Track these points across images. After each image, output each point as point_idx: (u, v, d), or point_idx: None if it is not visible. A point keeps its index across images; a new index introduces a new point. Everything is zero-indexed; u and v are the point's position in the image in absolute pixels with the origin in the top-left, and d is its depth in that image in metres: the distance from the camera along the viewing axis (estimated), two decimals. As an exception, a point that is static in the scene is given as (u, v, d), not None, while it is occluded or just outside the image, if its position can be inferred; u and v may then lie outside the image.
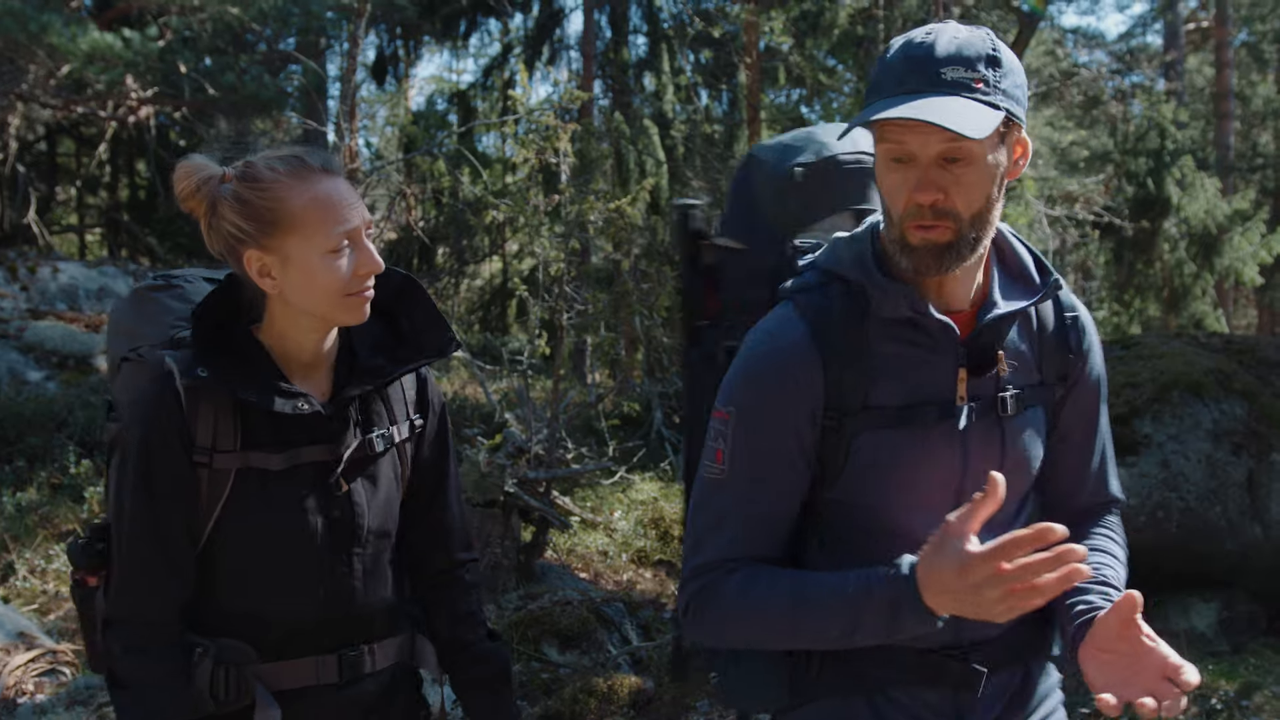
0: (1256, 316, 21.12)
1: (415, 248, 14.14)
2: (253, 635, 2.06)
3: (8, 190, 15.81)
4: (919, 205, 1.71)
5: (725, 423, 1.84)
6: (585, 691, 5.13)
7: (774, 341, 1.83)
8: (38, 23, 10.30)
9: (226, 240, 2.02)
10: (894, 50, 1.73)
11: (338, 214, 2.00)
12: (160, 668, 1.97)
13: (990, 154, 1.71)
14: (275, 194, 1.99)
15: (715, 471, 1.86)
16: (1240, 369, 7.28)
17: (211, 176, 2.03)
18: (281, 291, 2.03)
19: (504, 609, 6.17)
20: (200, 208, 2.04)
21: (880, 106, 1.67)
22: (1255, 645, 6.40)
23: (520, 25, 17.83)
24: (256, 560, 2.05)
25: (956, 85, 1.67)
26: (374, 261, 2.04)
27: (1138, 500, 6.72)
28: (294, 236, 1.99)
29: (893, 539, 1.82)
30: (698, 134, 14.10)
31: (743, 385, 1.84)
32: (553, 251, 7.90)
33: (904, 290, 1.80)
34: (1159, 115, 15.46)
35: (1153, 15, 25.13)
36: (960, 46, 1.69)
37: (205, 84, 11.90)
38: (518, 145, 8.24)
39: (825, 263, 1.89)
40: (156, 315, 2.20)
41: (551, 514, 6.99)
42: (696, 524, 1.89)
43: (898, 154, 1.71)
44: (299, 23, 12.16)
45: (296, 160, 2.03)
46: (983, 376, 1.86)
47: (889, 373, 1.83)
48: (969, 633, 1.89)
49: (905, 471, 1.83)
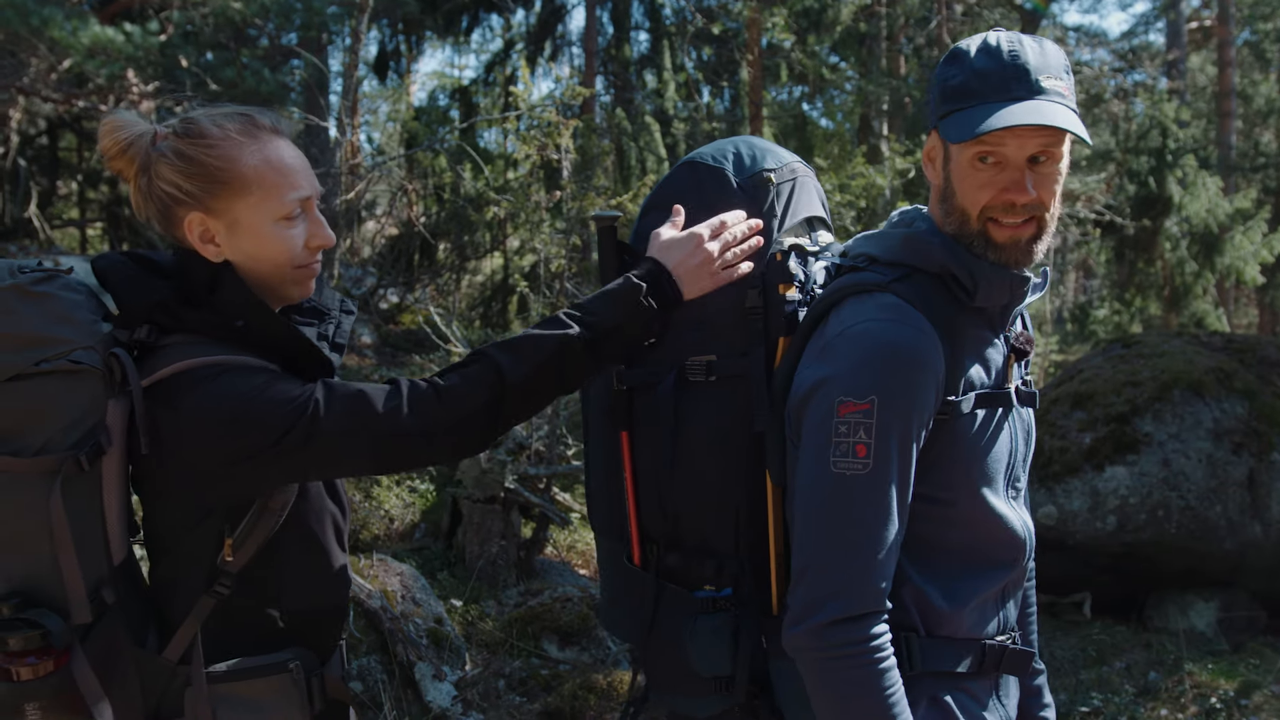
0: (1257, 316, 21.10)
1: (416, 243, 14.11)
2: (311, 635, 1.97)
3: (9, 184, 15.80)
4: (1011, 204, 1.81)
5: (867, 414, 1.76)
6: (585, 688, 5.14)
7: (906, 327, 1.80)
8: (39, 16, 10.28)
9: (161, 202, 1.87)
10: (978, 57, 1.82)
11: (292, 179, 1.88)
12: None
13: (1064, 154, 1.84)
14: (224, 151, 1.85)
15: (858, 467, 1.77)
16: (1241, 368, 7.28)
17: (143, 133, 1.88)
18: (226, 260, 1.89)
19: (504, 605, 6.17)
20: (130, 168, 1.89)
21: (993, 109, 1.77)
22: (1255, 644, 6.40)
23: (522, 21, 17.81)
24: (315, 549, 1.97)
25: (1052, 93, 1.78)
26: (327, 234, 1.93)
27: (1138, 499, 6.72)
28: (244, 200, 1.85)
29: (964, 531, 1.88)
30: (699, 131, 14.07)
31: (885, 372, 1.78)
32: (554, 248, 7.90)
33: (1011, 279, 1.88)
34: (1161, 114, 15.44)
35: (1155, 14, 25.10)
36: (1047, 55, 1.82)
37: (207, 79, 11.88)
38: (519, 141, 8.25)
39: (899, 256, 1.91)
40: (67, 312, 1.85)
41: (552, 510, 6.99)
42: (840, 527, 1.78)
43: (987, 155, 1.81)
44: (301, 18, 12.14)
45: (245, 117, 1.89)
46: (1020, 363, 1.97)
47: (975, 360, 1.89)
48: (1009, 620, 1.99)
49: (983, 460, 1.88)
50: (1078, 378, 7.72)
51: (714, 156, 2.12)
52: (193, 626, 1.87)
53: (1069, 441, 7.09)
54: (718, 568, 2.03)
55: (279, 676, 1.90)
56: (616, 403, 2.11)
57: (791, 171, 2.11)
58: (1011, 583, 1.98)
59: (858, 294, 1.87)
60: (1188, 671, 5.81)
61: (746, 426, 2.00)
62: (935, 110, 1.87)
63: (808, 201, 2.13)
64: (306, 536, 1.95)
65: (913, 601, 1.88)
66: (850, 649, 1.74)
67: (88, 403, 1.81)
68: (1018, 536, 1.93)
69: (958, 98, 1.82)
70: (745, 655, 1.99)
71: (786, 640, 1.80)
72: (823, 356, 1.84)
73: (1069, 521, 6.87)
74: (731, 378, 2.01)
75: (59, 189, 18.80)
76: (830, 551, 1.77)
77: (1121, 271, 16.68)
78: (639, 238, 2.13)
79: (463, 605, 6.08)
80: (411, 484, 8.21)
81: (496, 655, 5.63)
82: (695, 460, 2.03)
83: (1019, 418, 1.96)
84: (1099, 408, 7.13)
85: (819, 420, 1.80)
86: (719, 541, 2.04)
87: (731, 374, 2.01)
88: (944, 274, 1.88)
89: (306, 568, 1.96)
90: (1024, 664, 1.98)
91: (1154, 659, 6.23)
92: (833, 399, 1.78)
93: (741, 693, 2.01)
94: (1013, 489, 1.95)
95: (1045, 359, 17.28)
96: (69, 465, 1.78)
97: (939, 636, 1.88)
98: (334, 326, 2.07)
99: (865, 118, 16.30)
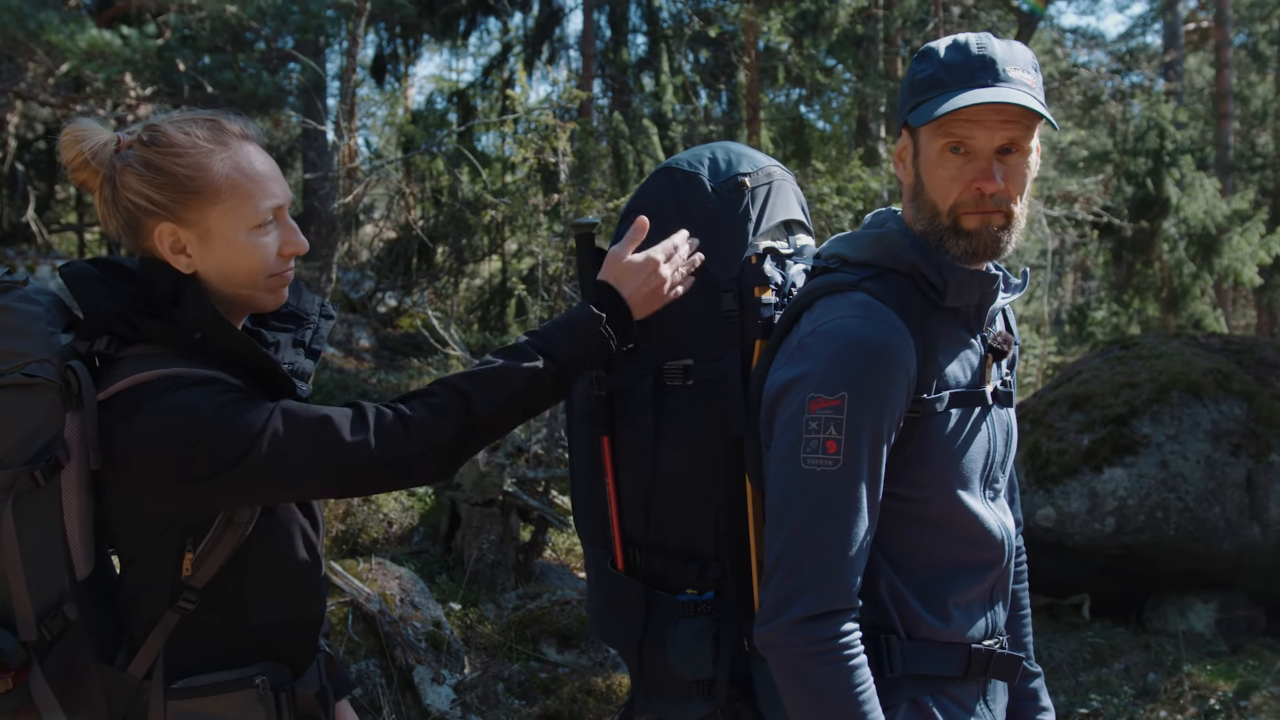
0: (1255, 317, 21.11)
1: (414, 247, 14.12)
2: (284, 649, 1.94)
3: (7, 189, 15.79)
4: (980, 194, 1.83)
5: (837, 409, 1.76)
6: (584, 691, 5.13)
7: (879, 325, 1.81)
8: (35, 20, 10.28)
9: (129, 214, 1.82)
10: (947, 52, 1.85)
11: (265, 186, 1.85)
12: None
13: (1032, 149, 1.87)
14: (194, 160, 1.80)
15: (827, 463, 1.77)
16: (1239, 369, 7.28)
17: (106, 142, 1.83)
18: (197, 270, 1.84)
19: (502, 608, 6.17)
20: (95, 179, 1.84)
21: (957, 95, 1.79)
22: (1254, 645, 6.40)
23: (520, 24, 17.83)
24: (284, 562, 1.93)
25: (1019, 83, 1.82)
26: (300, 241, 1.89)
27: (1136, 501, 6.72)
28: (216, 208, 1.81)
29: (938, 531, 1.88)
30: (696, 134, 14.08)
31: (856, 369, 1.78)
32: (551, 251, 7.91)
33: (980, 277, 1.89)
34: (1158, 115, 15.44)
35: (1152, 15, 25.15)
36: (1015, 51, 1.86)
37: (204, 82, 11.89)
38: (517, 144, 8.26)
39: (869, 256, 1.92)
40: (23, 325, 1.84)
41: (550, 513, 6.98)
42: (810, 523, 1.77)
43: (958, 145, 1.82)
44: (298, 21, 12.13)
45: (213, 124, 1.85)
46: (999, 363, 1.97)
47: (949, 360, 1.89)
48: (997, 624, 1.99)
49: (958, 460, 1.88)
50: (1076, 379, 7.72)
51: (689, 162, 2.13)
52: (157, 641, 1.84)
53: (1067, 443, 7.09)
54: (700, 571, 2.04)
55: (244, 692, 1.87)
56: (597, 407, 2.12)
57: (768, 175, 2.12)
58: (998, 585, 1.98)
59: (829, 294, 1.88)
60: (1187, 673, 5.81)
61: (725, 430, 2.00)
62: (905, 105, 1.90)
63: (784, 205, 2.14)
64: (275, 549, 1.92)
65: (890, 602, 1.88)
66: (819, 646, 1.74)
67: (43, 417, 1.78)
68: (994, 537, 1.93)
69: (927, 88, 1.85)
70: (726, 659, 2.00)
71: (757, 638, 1.81)
72: (794, 356, 1.84)
73: (1067, 523, 6.86)
74: (709, 381, 2.02)
75: (57, 193, 18.77)
76: (800, 548, 1.77)
77: (1119, 273, 16.68)
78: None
79: (461, 608, 6.08)
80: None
81: (495, 658, 5.62)
82: (675, 463, 2.03)
83: (997, 418, 1.96)
84: (1097, 409, 7.13)
85: (790, 417, 1.81)
86: (700, 545, 2.04)
87: (708, 377, 2.02)
88: (914, 274, 1.89)
89: (275, 581, 1.92)
90: (1012, 669, 1.98)
91: (1153, 660, 6.23)
92: (804, 396, 1.79)
93: (723, 696, 2.01)
94: (990, 490, 1.96)
95: (1043, 360, 17.29)
96: (23, 480, 1.75)
97: (919, 639, 1.88)
98: (311, 332, 2.05)
99: (863, 120, 16.30)
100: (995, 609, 1.99)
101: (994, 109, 1.79)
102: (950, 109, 1.77)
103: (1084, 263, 21.08)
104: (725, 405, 1.99)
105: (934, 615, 1.88)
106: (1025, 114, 1.81)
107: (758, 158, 2.15)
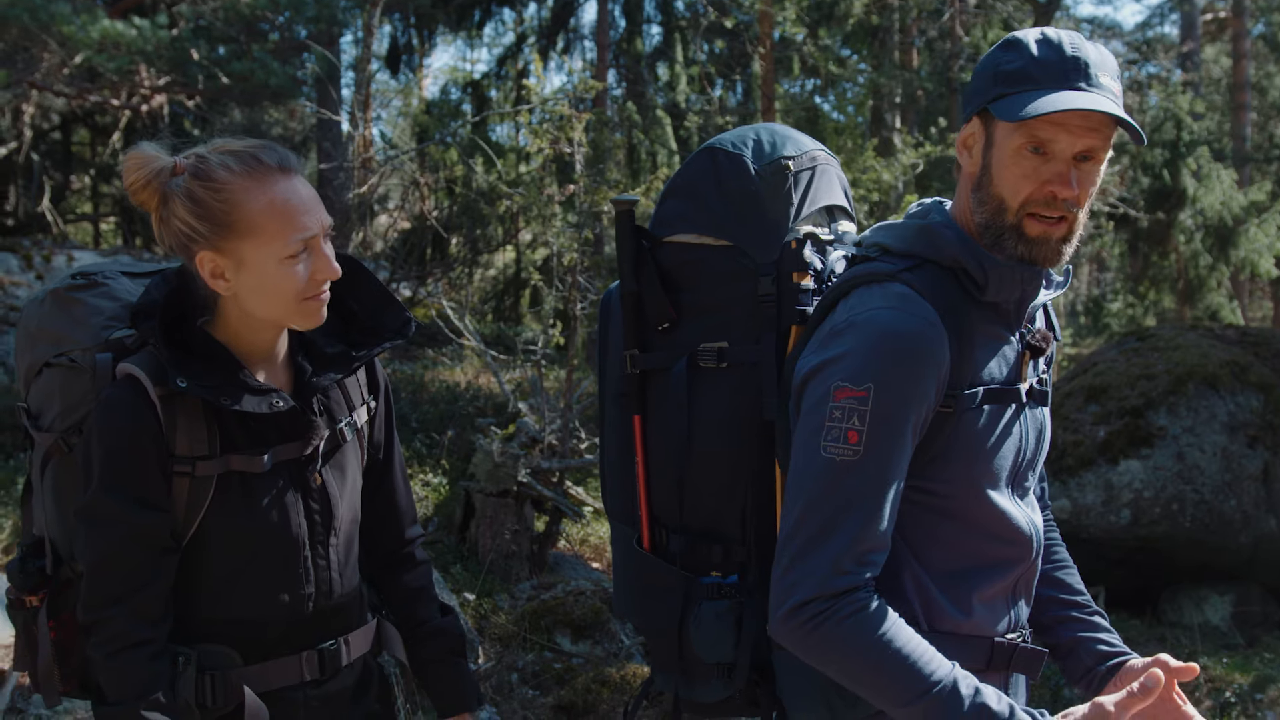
0: (1272, 309, 21.02)
1: (429, 237, 14.13)
2: (237, 639, 2.01)
3: (22, 179, 15.85)
4: (1053, 197, 1.80)
5: (862, 400, 1.75)
6: (598, 681, 5.14)
7: (913, 316, 1.79)
8: (48, 11, 10.31)
9: (178, 237, 1.95)
10: (1039, 47, 1.82)
11: (296, 220, 1.93)
12: (145, 671, 1.89)
13: (1106, 159, 1.85)
14: (230, 196, 1.91)
15: (847, 453, 1.76)
16: (1256, 361, 7.24)
17: (163, 168, 1.95)
18: (235, 294, 1.97)
19: (517, 599, 6.18)
20: (152, 201, 1.96)
21: (1047, 94, 1.76)
22: (1269, 638, 6.38)
23: (534, 15, 17.85)
24: (243, 563, 2.00)
25: (1109, 90, 1.78)
26: (331, 268, 1.98)
27: (1152, 493, 6.70)
28: (249, 241, 1.92)
29: (963, 526, 1.88)
30: (712, 124, 14.05)
31: (886, 361, 1.77)
32: (566, 241, 7.90)
33: (1021, 273, 1.86)
34: (1175, 106, 15.36)
35: (1169, 6, 24.97)
36: (1105, 57, 1.82)
37: (218, 72, 11.90)
38: (531, 135, 8.25)
39: (911, 247, 1.90)
40: (84, 317, 2.08)
41: (565, 504, 6.99)
42: (821, 511, 1.77)
43: (1039, 145, 1.79)
44: (312, 11, 12.14)
45: (251, 159, 1.94)
46: (1037, 361, 1.95)
47: (986, 356, 1.87)
48: (1020, 618, 1.98)
49: (989, 458, 1.87)
50: (1092, 371, 7.69)
51: (734, 143, 2.10)
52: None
53: (1083, 435, 7.07)
54: (725, 553, 2.03)
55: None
56: (629, 386, 2.12)
57: (811, 159, 2.10)
58: (1023, 581, 1.97)
59: (867, 283, 1.86)
60: (1202, 665, 5.79)
61: (757, 414, 1.99)
62: (985, 93, 1.85)
63: (828, 189, 2.12)
64: (239, 548, 2.01)
65: (915, 594, 1.87)
66: (822, 615, 1.74)
67: (79, 395, 2.02)
68: (1022, 534, 1.92)
69: (1014, 81, 1.81)
70: (748, 643, 1.99)
71: (770, 631, 1.81)
72: (826, 343, 1.83)
73: (1083, 515, 6.84)
74: (743, 365, 2.01)
75: (72, 183, 18.87)
76: (811, 534, 1.76)
77: (1135, 264, 16.62)
78: (659, 223, 2.13)
79: (475, 599, 6.09)
80: (424, 478, 8.23)
81: (509, 649, 5.63)
82: (705, 445, 2.03)
83: (1030, 417, 1.95)
84: (1113, 401, 7.10)
85: (814, 403, 1.80)
86: (727, 527, 2.04)
87: (743, 361, 2.01)
88: (955, 266, 1.87)
89: (228, 581, 2.01)
90: (1035, 663, 1.97)
91: (1168, 653, 6.21)
92: (830, 383, 1.78)
93: (743, 680, 2.00)
94: (1019, 489, 1.95)
95: (1059, 352, 17.22)
96: (57, 446, 2.05)
97: (942, 632, 1.87)
98: (366, 351, 2.15)
99: (878, 110, 16.26)
100: (1020, 604, 1.98)
101: (1081, 115, 1.76)
102: (1044, 110, 1.74)
103: (1100, 254, 21.00)
104: (759, 389, 1.98)
105: (957, 608, 1.87)
106: (1108, 123, 1.79)
107: (803, 141, 2.13)
